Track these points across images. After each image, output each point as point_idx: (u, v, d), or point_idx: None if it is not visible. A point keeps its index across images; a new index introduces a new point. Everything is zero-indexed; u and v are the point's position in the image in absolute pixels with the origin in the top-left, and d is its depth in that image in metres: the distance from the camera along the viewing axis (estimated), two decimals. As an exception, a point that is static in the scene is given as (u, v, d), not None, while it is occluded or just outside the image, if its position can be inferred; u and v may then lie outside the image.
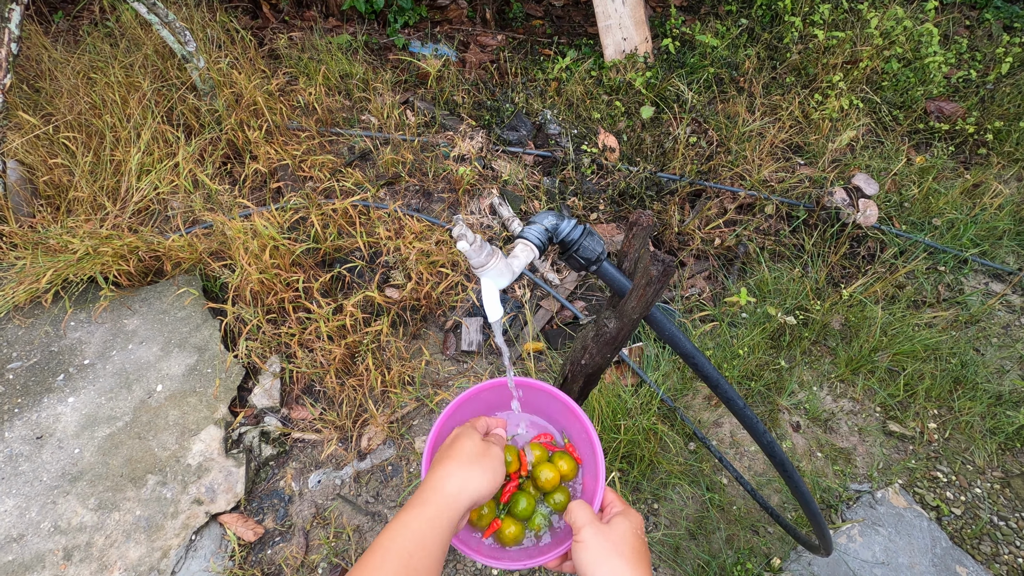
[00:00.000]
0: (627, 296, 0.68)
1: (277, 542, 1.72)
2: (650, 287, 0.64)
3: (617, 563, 0.66)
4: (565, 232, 0.68)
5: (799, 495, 0.90)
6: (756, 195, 2.62)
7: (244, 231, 2.01)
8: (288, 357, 2.03)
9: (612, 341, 0.77)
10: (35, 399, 1.86)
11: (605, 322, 0.75)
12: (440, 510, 0.65)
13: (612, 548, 0.67)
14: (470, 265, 0.61)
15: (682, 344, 0.73)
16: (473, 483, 0.68)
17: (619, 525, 0.70)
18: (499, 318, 0.64)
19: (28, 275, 2.01)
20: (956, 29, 3.82)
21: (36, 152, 2.30)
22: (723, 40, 3.34)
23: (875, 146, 3.05)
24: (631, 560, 0.66)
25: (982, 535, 1.80)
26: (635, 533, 0.70)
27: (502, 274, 0.63)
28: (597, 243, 0.69)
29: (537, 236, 0.67)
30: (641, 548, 0.69)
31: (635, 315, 0.70)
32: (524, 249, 0.66)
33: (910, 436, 2.03)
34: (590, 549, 0.67)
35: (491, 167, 2.72)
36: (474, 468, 0.70)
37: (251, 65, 2.80)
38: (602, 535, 0.69)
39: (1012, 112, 3.15)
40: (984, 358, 2.25)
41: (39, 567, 1.55)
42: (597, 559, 0.67)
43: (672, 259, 0.60)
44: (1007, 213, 2.69)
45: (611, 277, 0.70)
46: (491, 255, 0.61)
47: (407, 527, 0.63)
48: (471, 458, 0.71)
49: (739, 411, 0.77)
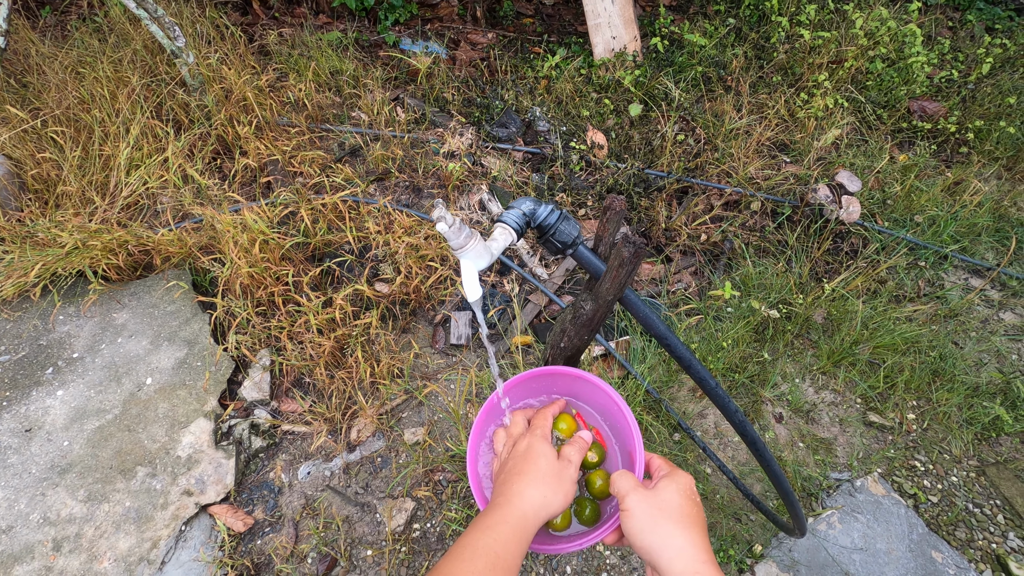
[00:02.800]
0: (602, 278, 0.71)
1: (267, 532, 1.73)
2: (623, 268, 0.66)
3: (665, 527, 0.65)
4: (542, 217, 0.71)
5: (772, 474, 0.93)
6: (742, 192, 2.66)
7: (234, 225, 2.03)
8: (278, 350, 2.04)
9: (589, 323, 0.79)
10: (24, 392, 1.86)
11: (582, 304, 0.78)
12: (520, 521, 0.66)
13: (659, 513, 0.66)
14: (449, 246, 0.63)
15: (655, 326, 0.76)
16: (553, 504, 0.69)
17: (665, 488, 0.68)
18: (478, 298, 0.67)
19: (16, 269, 2.01)
20: (939, 30, 3.88)
21: (24, 146, 2.30)
22: (711, 39, 3.38)
23: (859, 144, 3.10)
24: (680, 522, 0.65)
25: (957, 522, 1.85)
26: (684, 494, 0.68)
27: (480, 256, 0.65)
28: (573, 227, 0.71)
29: (515, 220, 0.69)
30: (691, 509, 0.67)
31: (609, 296, 0.72)
32: (503, 232, 0.68)
33: (889, 427, 2.07)
34: (636, 516, 0.66)
35: (481, 163, 2.74)
36: (550, 486, 0.70)
37: (241, 61, 2.81)
38: (647, 501, 0.67)
39: (992, 112, 3.21)
40: (962, 351, 2.30)
41: (29, 558, 1.56)
42: (644, 526, 0.65)
43: (643, 241, 0.63)
44: (986, 210, 2.75)
45: (587, 260, 0.73)
46: (470, 237, 0.63)
47: (492, 530, 0.64)
48: (546, 476, 0.71)
49: (711, 391, 0.80)
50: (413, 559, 1.70)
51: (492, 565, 0.61)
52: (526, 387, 0.87)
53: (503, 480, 0.72)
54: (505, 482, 0.71)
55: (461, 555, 0.62)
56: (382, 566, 1.68)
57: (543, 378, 0.86)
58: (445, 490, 1.84)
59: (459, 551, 0.62)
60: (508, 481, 0.71)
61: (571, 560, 1.73)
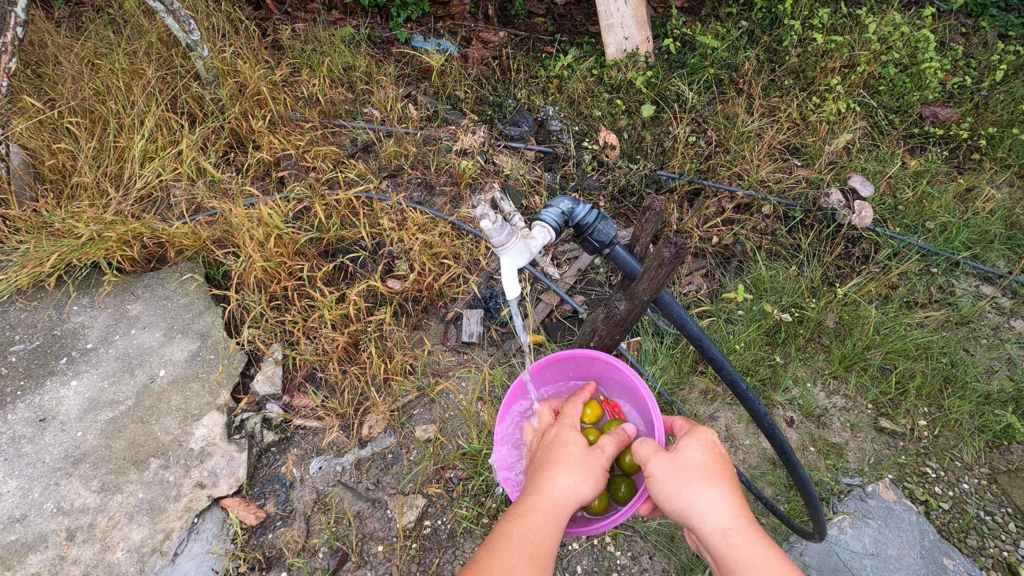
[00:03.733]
0: (639, 278, 0.70)
1: (278, 526, 1.73)
2: (662, 268, 0.66)
3: (691, 486, 0.63)
4: (580, 215, 0.71)
5: (797, 477, 0.93)
6: (754, 195, 2.66)
7: (250, 219, 2.03)
8: (291, 345, 2.05)
9: (622, 323, 0.79)
10: (38, 382, 1.87)
11: (616, 304, 0.78)
12: (552, 507, 0.66)
13: (682, 472, 0.64)
14: (490, 244, 0.63)
15: (690, 327, 0.76)
16: (583, 491, 0.69)
17: (686, 447, 0.66)
18: (516, 296, 0.67)
19: (31, 259, 2.01)
20: (952, 36, 3.88)
21: (39, 137, 2.30)
22: (723, 41, 3.38)
23: (871, 149, 3.09)
24: (705, 478, 0.63)
25: (969, 529, 1.85)
26: (707, 449, 0.66)
27: (520, 254, 0.65)
28: (610, 227, 0.71)
29: (554, 218, 0.69)
30: (716, 463, 0.65)
31: (646, 297, 0.72)
32: (541, 231, 0.68)
33: (900, 432, 2.07)
34: (660, 480, 0.65)
35: (493, 162, 2.74)
36: (580, 472, 0.69)
37: (254, 56, 2.81)
38: (669, 463, 0.65)
39: (1005, 119, 3.20)
40: (974, 358, 2.29)
41: (42, 547, 1.56)
42: (670, 488, 0.64)
43: (684, 241, 0.63)
44: (998, 218, 2.74)
45: (623, 260, 0.73)
46: (511, 235, 0.63)
47: (524, 518, 0.64)
48: (576, 462, 0.70)
49: (742, 393, 0.80)
50: (424, 556, 1.71)
51: (528, 554, 0.60)
52: (551, 370, 0.86)
53: (533, 470, 0.72)
54: (535, 471, 0.71)
55: (496, 545, 0.61)
56: (393, 562, 1.68)
57: (566, 362, 0.84)
58: (456, 488, 1.84)
59: (494, 541, 0.62)
60: (538, 470, 0.71)
61: (582, 560, 1.73)
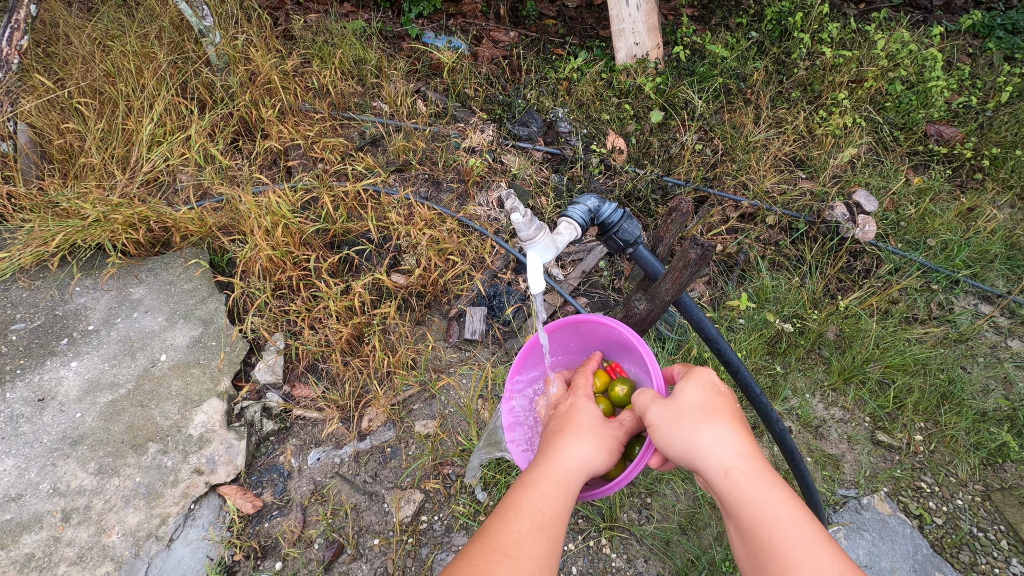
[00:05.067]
0: (661, 278, 0.71)
1: (275, 516, 1.73)
2: (687, 270, 0.67)
3: (690, 428, 0.60)
4: (606, 214, 0.71)
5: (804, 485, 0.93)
6: (758, 205, 2.67)
7: (258, 206, 2.02)
8: (293, 335, 2.04)
9: (641, 323, 0.80)
10: (38, 361, 1.85)
11: (635, 304, 0.79)
12: (563, 476, 0.64)
13: (680, 415, 0.62)
14: (519, 237, 0.64)
15: (708, 330, 0.76)
16: (596, 460, 0.66)
17: (682, 390, 0.64)
18: (541, 291, 0.67)
19: (36, 238, 2.00)
20: (959, 56, 3.91)
21: (48, 116, 2.29)
22: (733, 51, 3.39)
23: (875, 164, 3.11)
24: (704, 418, 0.60)
25: (961, 545, 1.86)
26: (704, 388, 0.63)
27: (548, 248, 0.65)
28: (635, 227, 0.72)
29: (580, 215, 0.70)
30: (714, 401, 0.62)
31: (667, 297, 0.73)
32: (568, 227, 0.69)
33: (897, 446, 2.08)
34: (659, 427, 0.62)
35: (501, 161, 2.74)
36: (593, 441, 0.67)
37: (266, 44, 2.80)
38: (667, 408, 0.63)
39: (1009, 140, 3.23)
40: (970, 376, 2.31)
41: (37, 527, 1.56)
42: (670, 434, 0.61)
43: (712, 243, 0.63)
44: (999, 238, 2.76)
45: (646, 260, 0.73)
46: (539, 229, 0.64)
47: (534, 487, 0.62)
48: (589, 431, 0.68)
49: (756, 397, 0.80)
50: (419, 551, 1.71)
51: (539, 524, 0.59)
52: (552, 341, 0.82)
53: (545, 439, 0.70)
54: (547, 440, 0.70)
55: (506, 515, 0.60)
56: (388, 556, 1.68)
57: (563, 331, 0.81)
58: (454, 484, 1.84)
59: (503, 511, 0.61)
60: (550, 439, 0.69)
61: (577, 561, 1.73)
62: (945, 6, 4.50)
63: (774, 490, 0.55)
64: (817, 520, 0.54)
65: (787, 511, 0.53)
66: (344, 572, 1.65)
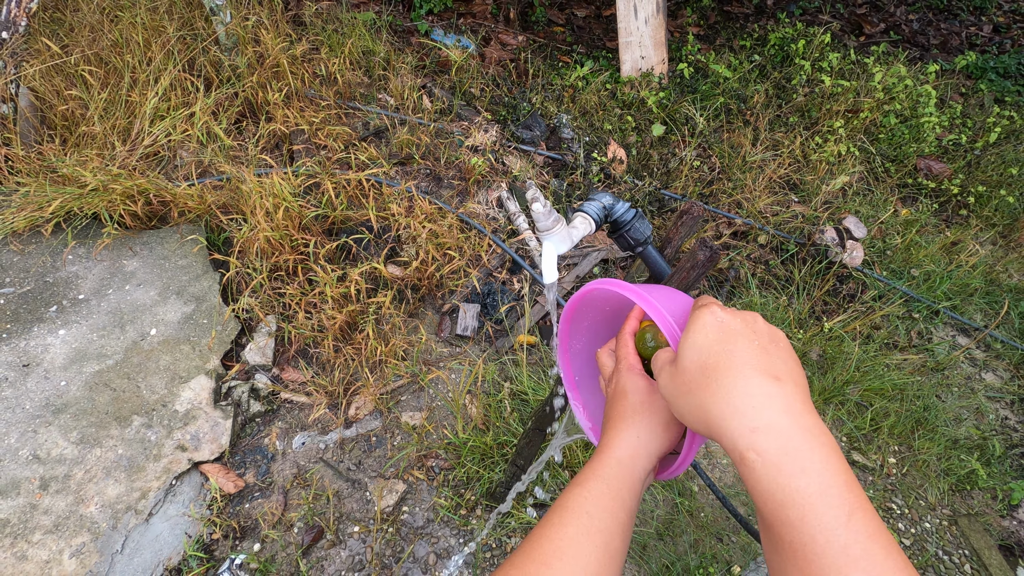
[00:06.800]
0: (668, 278, 0.74)
1: (256, 497, 1.73)
2: (694, 270, 0.69)
3: (695, 400, 0.49)
4: (619, 212, 0.74)
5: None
6: (751, 224, 2.73)
7: (261, 187, 2.03)
8: (287, 318, 2.04)
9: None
10: (25, 327, 1.83)
11: (641, 302, 0.81)
12: (615, 471, 0.57)
13: (683, 385, 0.51)
14: (537, 228, 0.66)
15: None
16: (652, 444, 0.58)
17: (682, 347, 0.52)
18: (553, 281, 0.69)
19: (31, 202, 1.98)
20: (952, 94, 4.02)
21: (51, 82, 2.27)
22: (735, 72, 3.46)
23: (866, 193, 3.19)
24: (706, 385, 0.49)
25: (927, 567, 1.91)
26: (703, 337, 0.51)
27: (563, 240, 0.68)
28: (646, 226, 0.74)
29: (595, 211, 0.72)
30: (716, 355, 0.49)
31: (673, 297, 0.76)
32: (583, 221, 0.71)
33: (871, 467, 2.13)
34: (672, 402, 0.53)
35: (502, 161, 2.77)
36: (643, 424, 0.59)
37: (276, 28, 2.80)
38: (671, 376, 0.53)
39: (995, 179, 3.33)
40: (945, 404, 2.37)
41: (14, 493, 1.54)
42: (680, 409, 0.52)
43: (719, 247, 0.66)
44: (980, 273, 2.85)
45: (653, 260, 0.76)
46: (557, 221, 0.66)
47: (583, 487, 0.56)
48: (637, 411, 0.59)
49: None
50: (398, 540, 1.71)
51: (585, 529, 0.53)
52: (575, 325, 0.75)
53: (603, 428, 0.63)
54: (603, 429, 0.63)
55: (551, 519, 0.55)
56: (368, 543, 1.69)
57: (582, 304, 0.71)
58: (437, 477, 1.85)
59: (550, 514, 0.56)
60: (604, 428, 0.62)
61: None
62: (941, 45, 4.62)
63: (800, 480, 0.42)
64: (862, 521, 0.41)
65: (815, 509, 0.41)
66: (322, 557, 1.65)
